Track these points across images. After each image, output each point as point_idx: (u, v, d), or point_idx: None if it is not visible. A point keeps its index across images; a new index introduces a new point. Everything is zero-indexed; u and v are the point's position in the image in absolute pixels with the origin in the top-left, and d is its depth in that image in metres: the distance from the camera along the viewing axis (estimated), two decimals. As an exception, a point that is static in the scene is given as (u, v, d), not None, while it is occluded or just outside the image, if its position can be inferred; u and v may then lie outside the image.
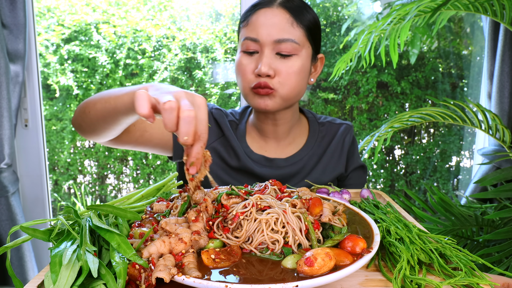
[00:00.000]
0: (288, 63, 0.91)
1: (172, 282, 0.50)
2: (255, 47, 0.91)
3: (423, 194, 2.74)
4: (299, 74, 0.93)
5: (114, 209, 0.60)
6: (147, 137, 0.97)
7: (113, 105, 0.73)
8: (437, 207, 1.36)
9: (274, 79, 0.91)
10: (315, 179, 1.03)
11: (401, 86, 2.59)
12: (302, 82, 0.95)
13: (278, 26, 0.89)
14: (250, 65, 0.92)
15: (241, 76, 0.94)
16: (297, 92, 0.95)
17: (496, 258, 1.20)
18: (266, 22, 0.90)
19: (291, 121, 1.03)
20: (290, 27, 0.90)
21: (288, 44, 0.90)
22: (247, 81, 0.93)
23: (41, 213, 1.86)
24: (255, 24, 0.91)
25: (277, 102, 0.93)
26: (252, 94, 0.94)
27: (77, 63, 2.56)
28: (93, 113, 0.79)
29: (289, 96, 0.94)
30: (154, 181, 2.89)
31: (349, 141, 1.08)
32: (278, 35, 0.89)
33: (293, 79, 0.92)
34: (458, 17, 2.52)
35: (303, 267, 0.48)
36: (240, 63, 0.94)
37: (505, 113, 1.77)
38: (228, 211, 0.60)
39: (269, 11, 0.91)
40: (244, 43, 0.93)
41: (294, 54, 0.91)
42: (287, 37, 0.89)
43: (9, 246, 0.54)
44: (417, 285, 0.52)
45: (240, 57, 0.94)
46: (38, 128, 1.77)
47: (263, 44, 0.90)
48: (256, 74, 0.91)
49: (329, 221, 0.61)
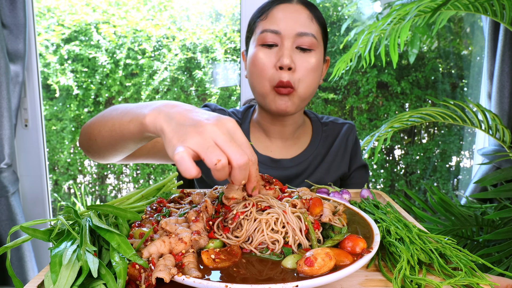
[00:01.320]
0: (307, 58, 0.91)
1: (172, 282, 0.50)
2: (274, 39, 0.90)
3: (423, 194, 2.74)
4: (316, 72, 0.93)
5: (114, 209, 0.60)
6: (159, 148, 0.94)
7: (119, 133, 0.66)
8: (437, 207, 1.36)
9: (294, 74, 0.90)
10: (320, 179, 1.03)
11: (401, 86, 2.59)
12: (316, 81, 0.95)
13: (299, 20, 0.90)
14: (269, 59, 0.90)
15: (260, 72, 0.91)
16: (312, 91, 0.95)
17: (496, 258, 1.20)
18: (287, 15, 0.90)
19: (298, 122, 1.03)
20: (310, 22, 0.91)
21: (308, 38, 0.90)
22: (267, 77, 0.91)
23: (41, 213, 1.86)
24: (275, 17, 0.91)
25: (295, 103, 0.93)
26: (272, 94, 0.92)
27: (77, 63, 2.56)
28: (100, 141, 0.72)
29: (306, 95, 0.94)
30: (154, 181, 2.89)
31: (352, 141, 1.09)
32: (299, 28, 0.90)
33: (310, 76, 0.92)
34: (458, 17, 2.51)
35: (303, 267, 0.48)
36: (258, 57, 0.91)
37: (505, 113, 1.77)
38: (228, 211, 0.60)
39: (289, 6, 0.92)
40: (263, 36, 0.91)
41: (312, 49, 0.91)
42: (308, 31, 0.90)
43: (9, 246, 0.54)
44: (417, 285, 0.52)
45: (257, 51, 0.92)
46: (38, 128, 1.77)
47: (284, 37, 0.90)
48: (278, 66, 0.89)
49: (329, 221, 0.61)
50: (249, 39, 0.98)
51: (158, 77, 2.61)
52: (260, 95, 0.95)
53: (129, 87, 2.63)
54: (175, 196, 0.72)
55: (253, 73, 0.94)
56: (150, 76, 2.62)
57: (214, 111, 1.04)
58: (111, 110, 0.70)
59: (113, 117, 0.68)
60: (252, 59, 0.93)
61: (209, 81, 2.69)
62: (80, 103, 2.63)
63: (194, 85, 2.70)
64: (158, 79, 2.61)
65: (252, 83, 0.96)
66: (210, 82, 2.70)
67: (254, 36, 0.94)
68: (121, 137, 0.66)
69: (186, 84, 2.67)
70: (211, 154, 0.50)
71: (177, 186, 0.81)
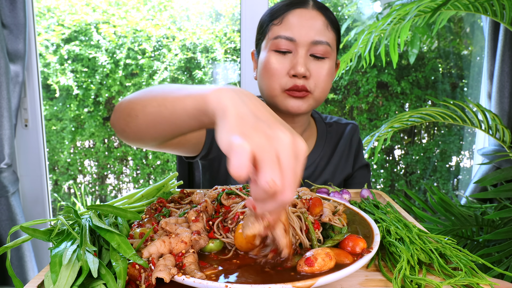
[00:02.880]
0: (321, 65, 0.90)
1: (172, 282, 0.50)
2: (289, 46, 0.88)
3: (423, 194, 2.74)
4: (330, 77, 0.93)
5: (114, 209, 0.60)
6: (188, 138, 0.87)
7: (171, 110, 0.56)
8: (437, 207, 1.36)
9: (309, 80, 0.89)
10: (327, 180, 1.03)
11: (401, 86, 2.59)
12: (330, 85, 0.94)
13: (315, 27, 0.88)
14: (283, 65, 0.89)
15: (272, 77, 0.90)
16: (326, 94, 0.94)
17: (496, 258, 1.20)
18: (303, 22, 0.88)
19: (305, 123, 1.02)
20: (325, 29, 0.89)
21: (322, 46, 0.88)
22: (279, 82, 0.90)
23: (41, 213, 1.86)
24: (290, 23, 0.88)
25: (310, 104, 0.92)
26: (283, 95, 0.91)
27: (77, 63, 2.56)
28: (142, 118, 0.62)
29: (321, 98, 0.93)
30: (154, 181, 2.89)
31: (356, 141, 1.09)
32: (315, 36, 0.88)
33: (326, 82, 0.91)
34: (458, 17, 2.51)
35: (303, 267, 0.48)
36: (271, 62, 0.90)
37: (505, 113, 1.77)
38: (228, 211, 0.60)
39: (305, 11, 0.89)
40: (276, 42, 0.89)
41: (326, 57, 0.90)
42: (323, 39, 0.88)
43: (9, 246, 0.54)
44: (417, 285, 0.52)
45: (270, 56, 0.90)
46: (38, 128, 1.77)
47: (299, 44, 0.88)
48: (291, 74, 0.88)
49: (329, 221, 0.61)
50: (260, 41, 0.95)
51: (158, 77, 2.61)
52: (270, 96, 0.93)
53: (129, 87, 2.63)
54: (175, 196, 0.72)
55: (264, 77, 0.92)
56: (150, 76, 2.62)
57: None
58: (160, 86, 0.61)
59: (165, 92, 0.59)
60: (264, 64, 0.91)
61: (209, 81, 2.69)
62: (80, 103, 2.63)
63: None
64: (158, 79, 2.61)
65: (261, 86, 0.95)
66: (210, 82, 2.70)
67: (267, 40, 0.92)
68: (171, 114, 0.56)
69: (186, 84, 2.67)
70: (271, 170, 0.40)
71: (177, 186, 0.81)
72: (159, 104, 0.58)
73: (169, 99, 0.56)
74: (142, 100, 0.62)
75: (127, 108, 0.65)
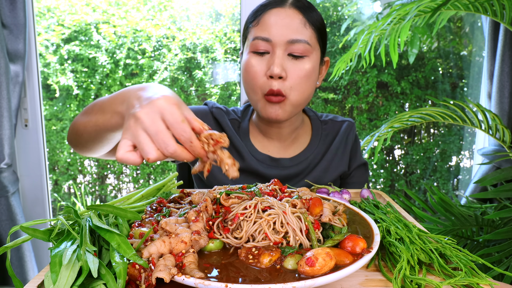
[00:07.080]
0: (299, 65, 0.89)
1: (172, 282, 0.50)
2: (266, 47, 0.88)
3: (423, 194, 2.74)
4: (310, 78, 0.91)
5: (114, 209, 0.60)
6: None
7: (103, 128, 0.69)
8: (437, 207, 1.36)
9: (285, 82, 0.88)
10: (318, 177, 1.02)
11: (401, 86, 2.59)
12: (312, 86, 0.93)
13: (291, 26, 0.87)
14: (261, 66, 0.89)
15: (251, 80, 0.90)
16: (306, 97, 0.93)
17: (496, 258, 1.20)
18: (279, 22, 0.87)
19: (295, 123, 1.02)
20: (303, 27, 0.88)
21: (300, 45, 0.87)
22: (259, 85, 0.90)
23: (41, 213, 1.86)
24: (267, 23, 0.88)
25: (287, 110, 0.91)
26: (263, 101, 0.91)
27: (77, 63, 2.56)
28: (86, 137, 0.75)
29: (299, 102, 0.92)
30: (154, 181, 2.89)
31: (352, 139, 1.08)
32: (291, 35, 0.87)
33: (303, 83, 0.90)
34: (458, 17, 2.51)
35: (304, 267, 0.48)
36: (250, 64, 0.90)
37: (505, 113, 1.77)
38: (228, 211, 0.60)
39: (281, 11, 0.88)
40: (254, 43, 0.89)
41: (305, 55, 0.89)
42: (300, 37, 0.87)
43: (9, 246, 0.54)
44: (417, 285, 0.52)
45: (249, 58, 0.90)
46: (38, 128, 1.77)
47: (275, 44, 0.87)
48: (268, 75, 0.88)
49: (329, 221, 0.61)
50: (243, 44, 0.96)
51: (158, 77, 2.61)
52: (253, 101, 0.94)
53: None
54: (175, 196, 0.72)
55: (245, 80, 0.93)
56: (150, 76, 2.62)
57: (211, 110, 1.03)
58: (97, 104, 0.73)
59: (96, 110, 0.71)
60: (245, 67, 0.92)
61: (209, 81, 2.70)
62: (80, 103, 2.63)
63: (194, 85, 2.70)
64: (158, 79, 2.61)
65: (245, 89, 0.95)
66: (210, 82, 2.70)
67: (247, 42, 0.92)
68: (105, 131, 0.69)
69: (186, 84, 2.67)
70: (145, 148, 0.54)
71: (177, 186, 0.81)
72: (94, 124, 0.71)
73: (100, 120, 0.69)
74: (83, 122, 0.75)
75: (74, 128, 0.79)
